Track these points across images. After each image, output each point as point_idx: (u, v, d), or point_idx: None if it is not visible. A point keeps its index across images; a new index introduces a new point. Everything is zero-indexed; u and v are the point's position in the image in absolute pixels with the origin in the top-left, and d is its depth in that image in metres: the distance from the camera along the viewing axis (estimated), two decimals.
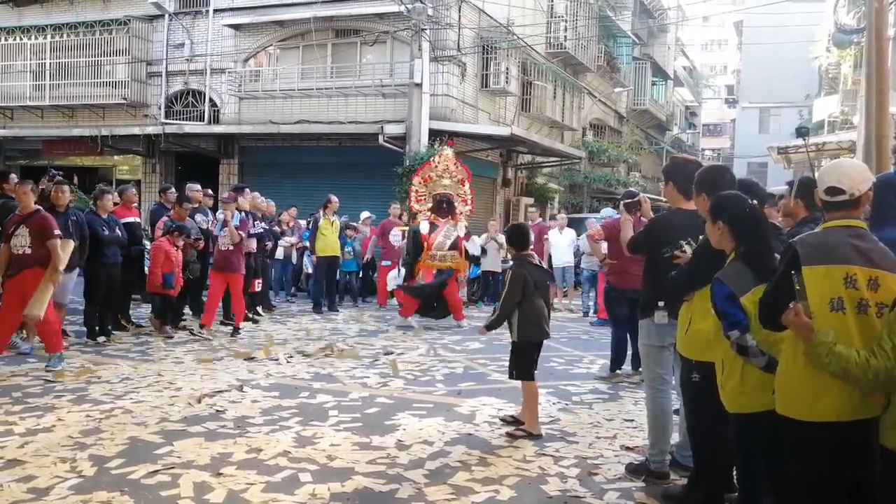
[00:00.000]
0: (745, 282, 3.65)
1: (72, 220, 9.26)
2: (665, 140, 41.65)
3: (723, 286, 3.68)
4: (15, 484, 4.75)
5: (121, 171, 23.45)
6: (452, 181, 12.85)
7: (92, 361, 8.63)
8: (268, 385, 7.72)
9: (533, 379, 6.38)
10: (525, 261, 6.43)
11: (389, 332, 11.50)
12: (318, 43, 19.75)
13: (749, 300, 3.60)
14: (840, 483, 3.15)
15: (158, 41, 21.64)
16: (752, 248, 3.75)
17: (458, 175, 12.95)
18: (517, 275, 6.28)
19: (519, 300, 6.26)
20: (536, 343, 6.41)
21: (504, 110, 21.81)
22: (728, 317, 3.63)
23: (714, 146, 62.61)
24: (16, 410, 6.46)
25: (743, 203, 3.88)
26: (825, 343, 3.00)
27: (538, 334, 6.35)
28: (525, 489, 4.96)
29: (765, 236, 3.83)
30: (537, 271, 6.43)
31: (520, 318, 6.27)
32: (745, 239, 3.78)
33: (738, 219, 3.82)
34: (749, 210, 3.85)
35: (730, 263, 3.81)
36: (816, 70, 35.43)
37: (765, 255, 3.75)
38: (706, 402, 4.14)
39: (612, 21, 28.82)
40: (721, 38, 65.89)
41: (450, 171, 12.90)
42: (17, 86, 22.67)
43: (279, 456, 5.45)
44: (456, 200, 12.75)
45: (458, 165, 13.09)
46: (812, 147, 24.29)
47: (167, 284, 10.39)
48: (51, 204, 9.10)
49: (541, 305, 6.34)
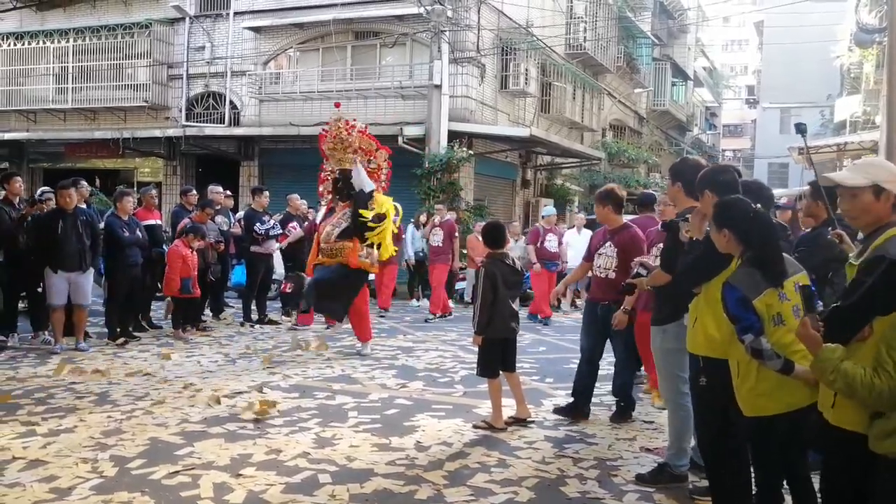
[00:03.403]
0: (756, 285, 3.62)
1: (81, 220, 9.38)
2: (685, 141, 41.44)
3: (734, 290, 3.65)
4: (37, 484, 4.80)
5: (142, 173, 23.60)
6: (348, 154, 9.80)
7: (112, 362, 8.68)
8: (287, 386, 7.75)
9: (496, 377, 6.46)
10: (497, 260, 6.48)
11: (408, 333, 11.51)
12: (338, 45, 19.82)
13: (762, 303, 3.58)
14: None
15: (179, 44, 21.76)
16: (760, 252, 3.71)
17: (358, 145, 9.84)
18: (488, 274, 6.36)
19: (492, 299, 6.34)
20: (501, 340, 6.49)
21: (523, 111, 21.79)
22: (741, 321, 3.59)
23: (734, 147, 62.30)
24: (38, 411, 6.53)
25: (747, 208, 3.84)
26: (830, 360, 2.96)
27: (503, 332, 6.45)
28: (544, 491, 4.95)
29: (773, 239, 3.80)
30: (509, 271, 6.47)
31: (495, 316, 6.38)
32: (753, 243, 3.74)
33: (744, 224, 3.78)
34: (754, 214, 3.81)
35: (739, 267, 3.78)
36: (838, 70, 35.14)
37: (774, 258, 3.72)
38: (714, 406, 4.13)
39: (631, 22, 28.72)
40: (741, 39, 65.53)
41: (343, 140, 9.80)
42: (40, 89, 22.92)
43: (299, 457, 5.47)
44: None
45: (360, 134, 9.92)
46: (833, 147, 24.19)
47: (185, 289, 10.45)
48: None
49: (509, 304, 6.44)
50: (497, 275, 6.34)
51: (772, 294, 3.59)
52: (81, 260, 9.42)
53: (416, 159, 17.65)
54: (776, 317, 3.59)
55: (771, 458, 3.74)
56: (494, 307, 6.34)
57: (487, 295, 6.33)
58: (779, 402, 3.57)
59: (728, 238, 3.83)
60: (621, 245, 6.56)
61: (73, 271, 9.39)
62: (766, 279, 3.62)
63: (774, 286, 3.61)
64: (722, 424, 4.13)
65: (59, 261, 9.27)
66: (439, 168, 17.48)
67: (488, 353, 6.48)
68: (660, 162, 31.65)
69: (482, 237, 6.87)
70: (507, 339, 6.54)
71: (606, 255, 6.65)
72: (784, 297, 3.63)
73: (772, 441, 3.69)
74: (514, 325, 6.51)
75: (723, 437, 4.18)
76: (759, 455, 3.80)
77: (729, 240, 3.83)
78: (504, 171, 21.65)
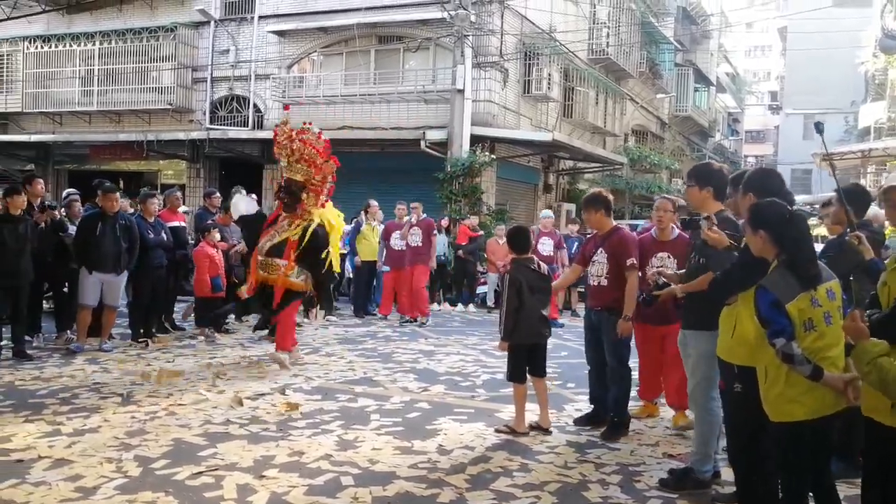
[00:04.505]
0: (789, 289, 3.60)
1: (119, 224, 9.49)
2: (707, 146, 41.25)
3: (767, 293, 3.63)
4: (63, 483, 4.83)
5: (165, 175, 23.77)
6: (293, 162, 8.91)
7: (136, 363, 8.73)
8: (310, 388, 7.77)
9: (523, 382, 6.42)
10: (522, 265, 6.43)
11: (429, 337, 11.51)
12: (362, 49, 19.88)
13: (795, 307, 3.55)
14: None
15: (204, 47, 21.94)
16: (794, 255, 3.69)
17: (300, 155, 8.87)
18: (513, 280, 6.32)
19: (517, 305, 6.29)
20: (529, 346, 6.42)
21: (546, 116, 21.77)
22: (773, 324, 3.57)
23: (757, 153, 61.89)
24: (63, 411, 6.58)
25: (783, 210, 3.83)
26: (870, 352, 2.95)
27: (531, 337, 6.38)
28: (566, 496, 4.94)
29: (807, 243, 3.78)
30: (534, 276, 6.41)
31: (521, 321, 6.32)
32: (788, 246, 3.72)
33: (779, 226, 3.76)
34: (790, 216, 3.80)
35: (773, 270, 3.75)
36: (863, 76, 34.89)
37: (808, 261, 3.70)
38: (748, 413, 4.10)
39: (654, 27, 28.64)
40: (765, 44, 65.22)
41: (288, 148, 8.90)
42: (66, 92, 23.17)
43: (321, 459, 5.48)
44: (302, 190, 8.88)
45: (302, 143, 8.90)
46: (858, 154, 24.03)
47: (216, 287, 10.55)
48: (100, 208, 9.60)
49: (537, 309, 6.36)
50: (521, 280, 6.29)
51: (804, 299, 3.57)
52: (116, 262, 9.52)
53: (439, 163, 17.69)
54: (807, 322, 3.57)
55: (800, 465, 3.71)
56: (520, 313, 6.28)
57: (512, 301, 6.28)
58: (807, 408, 3.55)
59: (763, 240, 3.80)
60: (611, 250, 6.47)
61: (108, 273, 9.50)
62: (800, 283, 3.61)
63: (808, 290, 3.58)
64: (754, 431, 4.10)
65: (95, 262, 9.38)
66: (461, 172, 17.49)
67: (517, 358, 6.43)
68: (681, 168, 31.52)
69: (507, 242, 6.83)
70: (536, 344, 6.47)
71: (599, 263, 6.55)
72: (816, 302, 3.61)
73: (802, 447, 3.66)
74: (542, 331, 6.44)
75: (754, 444, 4.15)
76: (787, 461, 3.76)
77: (764, 241, 3.80)
78: (526, 176, 21.64)
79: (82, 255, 9.45)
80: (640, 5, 27.14)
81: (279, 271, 8.66)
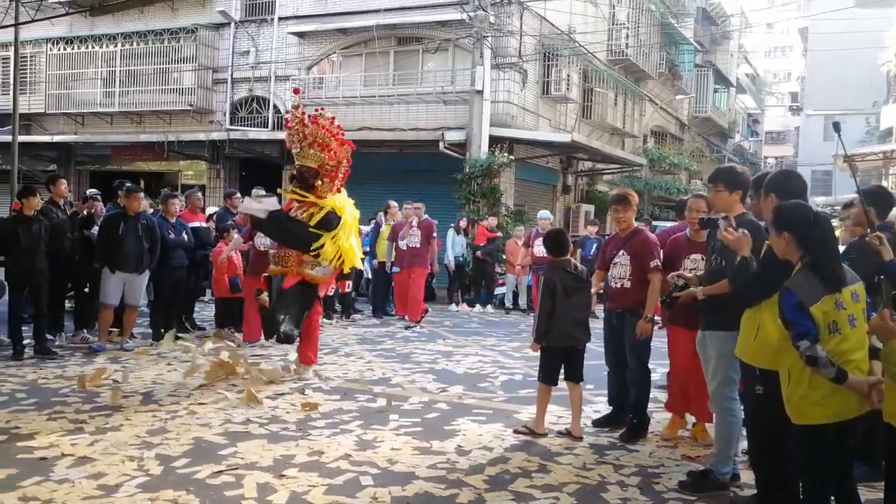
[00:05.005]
0: (814, 291, 3.58)
1: (141, 224, 9.58)
2: (727, 148, 41.06)
3: (792, 295, 3.61)
4: (85, 480, 4.88)
5: (186, 176, 23.91)
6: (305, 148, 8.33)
7: (156, 362, 8.79)
8: (329, 388, 7.80)
9: (553, 384, 6.36)
10: (558, 267, 6.38)
11: (448, 338, 11.53)
12: (381, 51, 19.93)
13: (819, 310, 3.54)
14: None
15: (224, 49, 22.05)
16: (819, 258, 3.67)
17: (314, 138, 8.30)
18: (547, 282, 6.27)
19: (550, 308, 6.24)
20: (563, 349, 6.34)
21: (565, 117, 21.74)
22: (797, 326, 3.56)
23: (777, 154, 61.53)
24: (85, 409, 6.64)
25: (807, 212, 3.81)
26: None
27: (565, 340, 6.30)
28: (585, 497, 4.94)
29: (832, 245, 3.76)
30: (569, 278, 6.31)
31: (554, 323, 6.27)
32: (812, 248, 3.70)
33: (804, 228, 3.74)
34: (814, 218, 3.78)
35: (797, 272, 3.73)
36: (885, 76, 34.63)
37: (833, 263, 3.68)
38: (770, 415, 4.09)
39: (674, 28, 28.55)
40: (785, 45, 64.82)
41: (299, 132, 8.35)
42: (88, 93, 23.37)
43: (340, 459, 5.50)
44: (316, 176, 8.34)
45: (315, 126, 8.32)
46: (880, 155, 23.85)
47: (235, 288, 10.60)
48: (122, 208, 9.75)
49: (571, 312, 6.26)
50: (555, 283, 6.23)
51: (829, 301, 3.56)
52: (138, 262, 9.62)
53: (457, 164, 17.70)
54: (832, 325, 3.55)
55: (823, 468, 3.70)
56: (552, 316, 6.23)
57: (545, 303, 6.24)
58: (830, 411, 3.54)
59: (787, 241, 3.78)
60: (634, 251, 6.39)
61: (130, 273, 9.59)
62: (825, 285, 3.59)
63: (832, 293, 3.57)
64: (776, 434, 4.08)
65: (117, 261, 9.48)
66: (480, 173, 17.50)
67: (549, 360, 6.37)
68: (701, 169, 31.40)
69: (544, 244, 6.76)
70: (571, 347, 6.35)
71: (620, 265, 6.47)
72: (841, 305, 3.59)
73: (825, 450, 3.64)
74: (577, 334, 6.31)
75: (776, 447, 4.14)
76: (810, 465, 3.75)
77: (788, 243, 3.78)
78: (545, 177, 21.61)
79: (105, 254, 9.54)
80: (659, 6, 27.05)
81: (293, 262, 8.18)
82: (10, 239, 8.91)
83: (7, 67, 23.15)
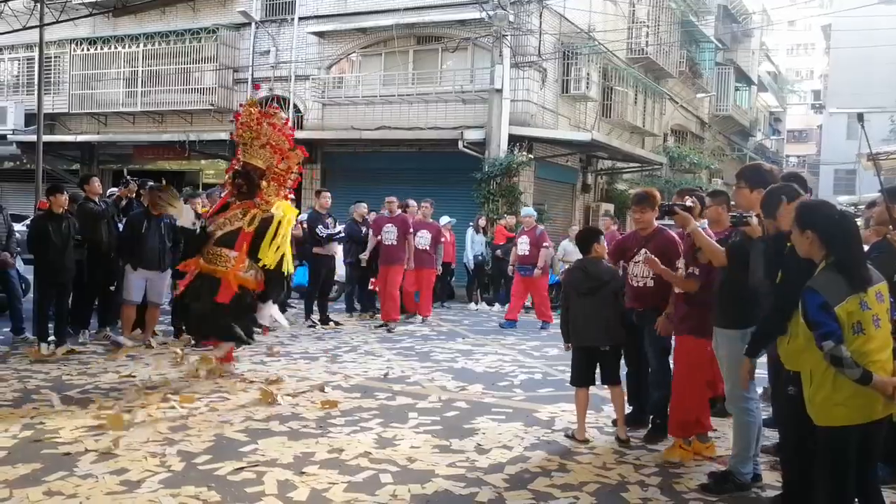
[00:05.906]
0: (838, 291, 3.55)
1: (164, 223, 9.67)
2: (748, 146, 40.80)
3: (816, 295, 3.57)
4: (108, 476, 4.92)
5: (207, 175, 24.07)
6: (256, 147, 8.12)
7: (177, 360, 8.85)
8: (348, 386, 7.83)
9: (580, 385, 6.27)
10: (574, 268, 6.42)
11: (467, 336, 11.54)
12: (400, 50, 19.98)
13: (844, 310, 3.50)
14: None
15: (245, 49, 22.16)
16: (843, 257, 3.63)
17: (268, 139, 8.14)
18: (563, 281, 6.32)
19: (565, 308, 6.29)
20: (583, 349, 6.26)
21: (584, 115, 21.70)
22: (821, 327, 3.52)
23: (799, 152, 61.13)
24: (108, 406, 6.70)
25: (832, 210, 3.78)
26: None
27: (581, 341, 6.24)
28: (605, 496, 4.93)
29: (857, 244, 3.73)
30: (582, 278, 6.21)
31: (570, 323, 6.28)
32: (836, 247, 3.66)
33: (828, 226, 3.71)
34: (839, 217, 3.75)
35: (821, 272, 3.69)
36: None
37: (857, 262, 3.65)
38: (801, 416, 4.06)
39: (694, 26, 28.40)
40: (808, 42, 64.33)
41: (252, 129, 8.13)
42: (111, 93, 23.60)
43: (360, 456, 5.52)
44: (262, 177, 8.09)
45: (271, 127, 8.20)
46: None
47: None
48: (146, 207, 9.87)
49: (585, 312, 6.16)
50: (569, 282, 6.28)
51: (854, 301, 3.53)
52: (161, 260, 9.69)
53: (476, 163, 17.71)
54: (856, 325, 3.52)
55: (846, 470, 3.66)
56: (567, 315, 6.28)
57: (562, 303, 6.33)
58: (854, 413, 3.51)
59: (811, 240, 3.75)
60: (659, 251, 6.16)
61: (152, 270, 9.66)
62: (850, 285, 3.56)
63: (857, 293, 3.54)
64: (806, 434, 4.05)
65: (140, 259, 9.55)
66: (499, 172, 17.50)
67: (574, 360, 6.34)
68: (721, 167, 31.23)
69: (576, 243, 6.71)
70: (592, 348, 6.23)
71: (643, 263, 6.27)
72: (865, 305, 3.56)
73: (848, 452, 3.62)
74: (594, 335, 6.15)
75: (805, 447, 4.12)
76: (833, 466, 3.72)
77: (812, 242, 3.75)
78: (564, 176, 21.57)
79: (128, 252, 9.62)
80: (680, 4, 26.93)
81: (229, 263, 7.75)
82: (41, 237, 9.03)
83: (32, 68, 23.44)
